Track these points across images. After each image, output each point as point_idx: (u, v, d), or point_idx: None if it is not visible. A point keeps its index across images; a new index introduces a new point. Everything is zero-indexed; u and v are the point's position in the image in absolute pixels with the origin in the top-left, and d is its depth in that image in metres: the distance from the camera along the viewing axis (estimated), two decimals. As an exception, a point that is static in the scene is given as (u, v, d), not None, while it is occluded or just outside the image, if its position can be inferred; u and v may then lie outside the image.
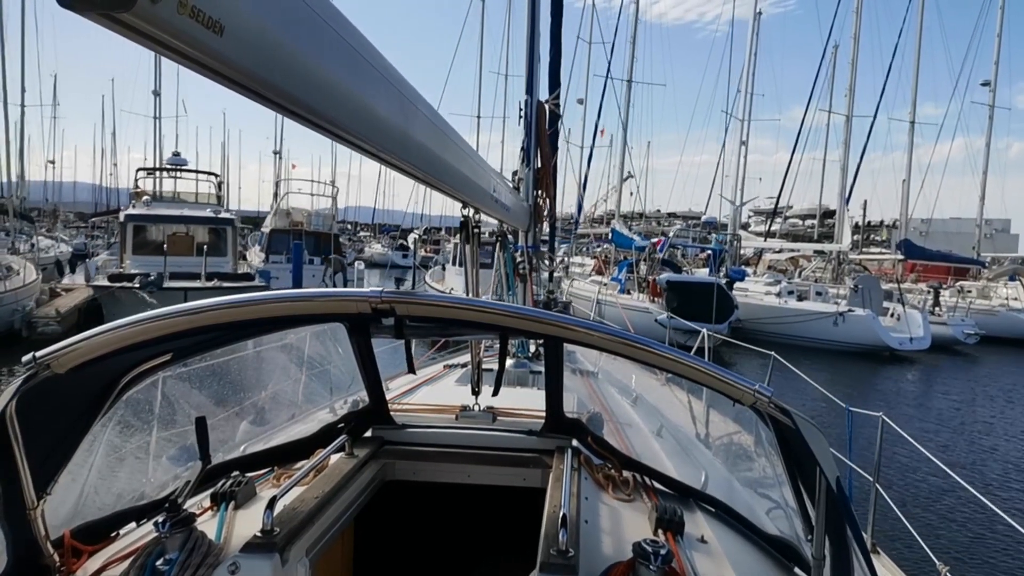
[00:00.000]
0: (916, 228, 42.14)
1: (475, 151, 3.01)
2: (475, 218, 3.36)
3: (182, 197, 24.08)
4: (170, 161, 26.19)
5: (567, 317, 2.22)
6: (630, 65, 35.90)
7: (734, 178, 35.30)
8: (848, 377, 19.09)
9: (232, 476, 2.47)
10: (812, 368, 19.24)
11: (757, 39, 35.45)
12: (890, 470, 9.23)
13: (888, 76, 31.45)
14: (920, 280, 32.19)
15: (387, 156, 1.79)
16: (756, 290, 26.41)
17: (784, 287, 26.15)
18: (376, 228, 73.24)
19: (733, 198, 34.49)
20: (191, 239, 19.40)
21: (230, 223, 20.22)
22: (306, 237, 25.12)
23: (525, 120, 6.31)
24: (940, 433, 13.21)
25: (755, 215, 67.34)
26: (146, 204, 20.62)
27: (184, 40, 0.93)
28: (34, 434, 1.89)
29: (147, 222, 19.50)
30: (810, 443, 1.76)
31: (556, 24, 7.96)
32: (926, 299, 26.69)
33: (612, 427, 3.64)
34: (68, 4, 0.82)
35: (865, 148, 31.56)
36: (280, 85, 1.18)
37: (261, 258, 26.73)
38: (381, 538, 3.18)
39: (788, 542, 2.43)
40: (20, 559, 1.93)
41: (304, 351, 5.99)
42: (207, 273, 16.09)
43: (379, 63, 1.62)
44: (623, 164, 36.55)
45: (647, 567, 1.78)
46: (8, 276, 17.01)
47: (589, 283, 26.63)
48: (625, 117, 35.92)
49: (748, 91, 35.26)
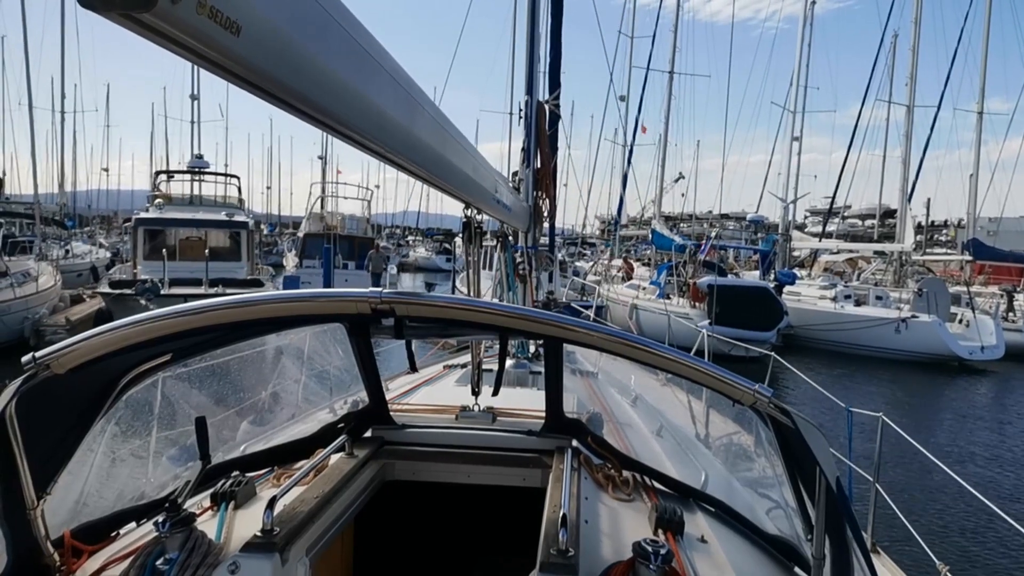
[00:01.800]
0: (984, 227, 39.40)
1: (477, 151, 3.01)
2: (477, 219, 3.38)
3: (205, 201, 23.12)
4: (191, 164, 25.48)
5: (567, 317, 2.23)
6: (672, 55, 33.12)
7: (786, 175, 32.37)
8: (911, 390, 17.14)
9: (232, 476, 2.47)
10: (871, 380, 17.89)
11: (811, 28, 32.52)
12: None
13: (953, 64, 28.71)
14: (990, 282, 28.92)
15: (393, 156, 1.79)
16: (809, 294, 24.23)
17: (840, 291, 23.69)
18: (422, 232, 72.44)
19: (783, 195, 31.34)
20: (204, 243, 18.79)
21: (244, 226, 19.46)
22: (340, 241, 24.68)
23: (525, 120, 6.33)
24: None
25: (811, 215, 64.60)
26: (158, 207, 20.04)
27: (202, 40, 0.94)
28: (34, 434, 1.89)
29: (157, 226, 18.93)
30: (810, 443, 1.76)
31: (556, 24, 7.97)
32: (998, 303, 23.41)
33: (612, 427, 3.64)
34: (89, 4, 0.83)
35: (928, 141, 29.21)
36: (293, 85, 1.19)
37: (295, 262, 26.28)
38: (381, 538, 3.18)
39: (788, 542, 2.43)
40: (20, 559, 1.93)
41: (304, 351, 5.99)
42: (213, 279, 15.68)
43: (388, 63, 1.62)
44: (664, 158, 34.13)
45: (647, 567, 1.78)
46: (24, 282, 16.68)
47: (626, 287, 24.88)
48: (667, 110, 33.49)
49: (800, 84, 32.01)
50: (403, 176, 38.45)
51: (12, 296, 15.56)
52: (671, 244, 25.03)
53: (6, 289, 15.58)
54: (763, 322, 18.78)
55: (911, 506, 8.45)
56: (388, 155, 1.76)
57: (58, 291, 19.17)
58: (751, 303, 19.14)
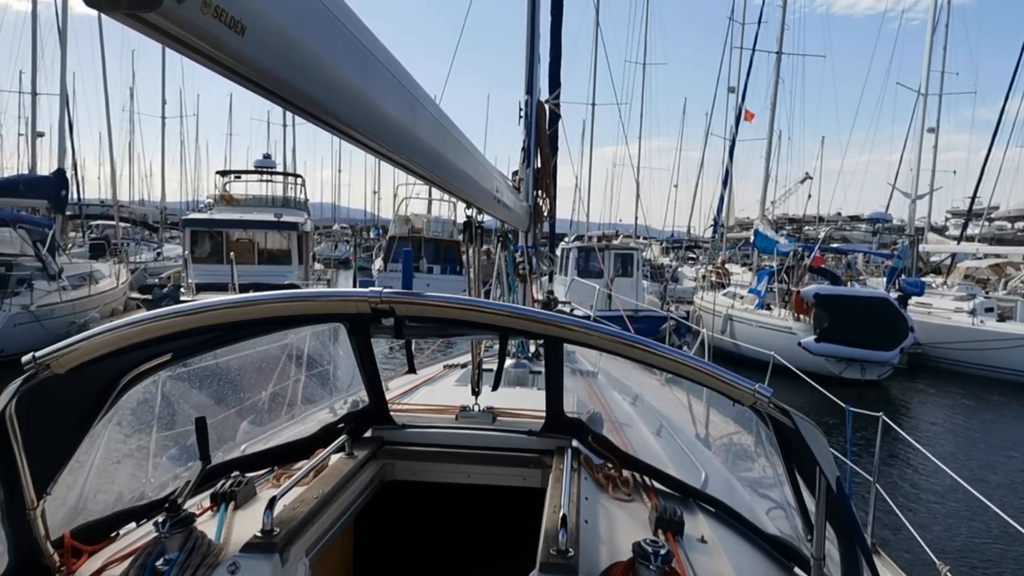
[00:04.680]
0: None
1: (479, 151, 3.01)
2: (478, 219, 3.39)
3: (272, 201, 21.94)
4: (258, 163, 24.67)
5: (567, 317, 2.23)
6: (780, 35, 28.55)
7: (916, 171, 27.40)
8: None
9: (232, 476, 2.47)
10: (1020, 411, 14.85)
11: (949, 6, 28.62)
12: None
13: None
14: None
15: (395, 155, 1.79)
16: (942, 306, 20.65)
17: (980, 303, 19.81)
18: None
19: (910, 191, 26.94)
20: (253, 245, 17.77)
21: (294, 227, 17.88)
22: (425, 244, 23.94)
23: (525, 120, 6.32)
24: None
25: (953, 216, 56.41)
26: (208, 208, 19.28)
27: (207, 40, 0.94)
28: (34, 434, 1.89)
29: (204, 227, 17.86)
30: (810, 443, 1.76)
31: (556, 24, 7.96)
32: None
33: (612, 427, 3.63)
34: (95, 4, 0.83)
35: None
36: (296, 84, 1.19)
37: (379, 267, 25.44)
38: (381, 538, 3.18)
39: (788, 542, 2.43)
40: (20, 559, 1.93)
41: (304, 351, 5.99)
42: (251, 283, 14.27)
43: (391, 63, 1.62)
44: (770, 149, 29.27)
45: (647, 567, 1.78)
46: (80, 285, 16.36)
47: (722, 296, 21.88)
48: (773, 95, 28.99)
49: (931, 66, 27.42)
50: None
51: (58, 300, 15.28)
52: (774, 246, 21.62)
53: (53, 292, 15.33)
54: (883, 340, 15.86)
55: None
56: (390, 154, 1.76)
57: (120, 294, 18.79)
58: (868, 316, 16.15)
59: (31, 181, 19.44)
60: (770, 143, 29.30)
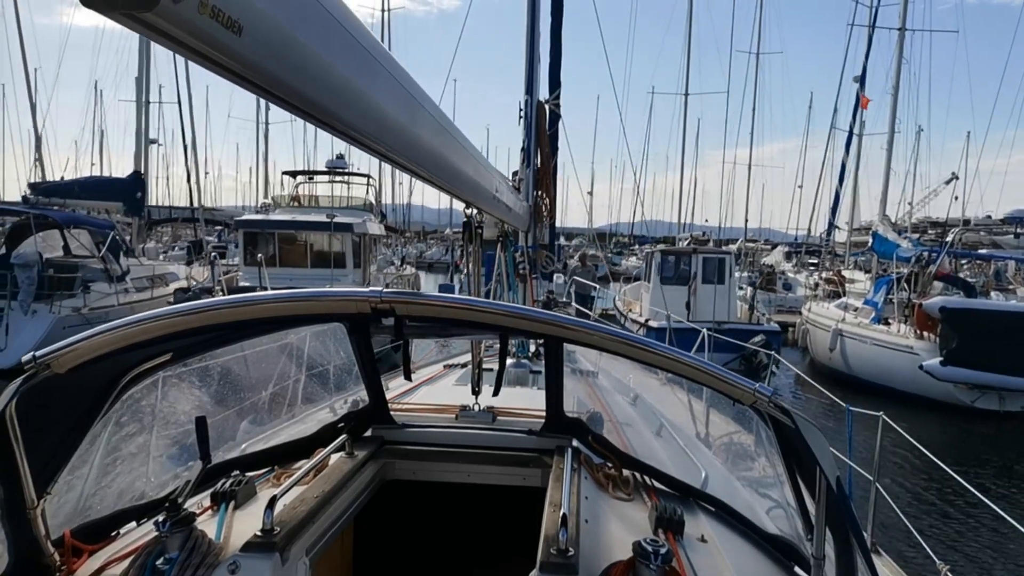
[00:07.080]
0: None
1: (479, 151, 3.01)
2: (477, 219, 3.39)
3: (336, 203, 20.92)
4: (329, 164, 23.93)
5: (567, 317, 2.23)
6: (902, 9, 25.08)
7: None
8: None
9: (232, 476, 2.46)
10: None
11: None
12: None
13: None
14: None
15: (395, 156, 1.79)
16: None
17: None
18: (637, 240, 62.82)
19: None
20: (305, 248, 17.14)
21: (348, 228, 16.77)
22: None
23: (525, 120, 6.32)
24: None
25: None
26: (264, 209, 18.71)
27: (204, 40, 0.94)
28: (34, 434, 1.89)
29: (255, 228, 17.26)
30: (810, 442, 1.77)
31: (556, 23, 7.96)
32: None
33: (612, 427, 3.63)
34: (91, 4, 0.83)
35: None
36: (294, 84, 1.19)
37: (467, 270, 25.22)
38: (381, 538, 3.18)
39: (788, 541, 2.43)
40: (21, 558, 1.93)
41: (304, 351, 6.00)
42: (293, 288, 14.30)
43: (389, 64, 1.62)
44: (892, 139, 25.52)
45: (647, 566, 1.78)
46: (144, 288, 15.88)
47: (834, 307, 19.12)
48: (896, 78, 25.04)
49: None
50: (615, 176, 40.62)
51: (115, 303, 14.56)
52: (894, 250, 18.21)
53: (111, 295, 14.72)
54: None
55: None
56: (389, 155, 1.76)
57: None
58: (1010, 335, 13.15)
59: (106, 183, 19.16)
60: (892, 132, 25.67)
